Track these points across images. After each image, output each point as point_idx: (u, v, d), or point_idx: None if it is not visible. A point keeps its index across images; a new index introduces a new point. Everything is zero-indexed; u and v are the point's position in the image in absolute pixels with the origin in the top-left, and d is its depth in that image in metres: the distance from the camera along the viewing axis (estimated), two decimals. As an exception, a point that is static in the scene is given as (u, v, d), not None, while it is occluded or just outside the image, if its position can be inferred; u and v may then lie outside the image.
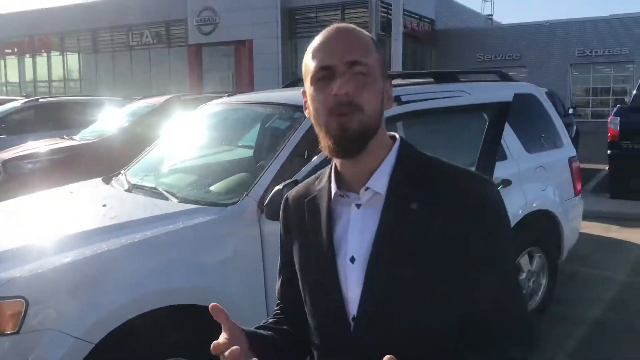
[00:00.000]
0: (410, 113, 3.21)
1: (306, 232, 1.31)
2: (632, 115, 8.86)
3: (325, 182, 1.31)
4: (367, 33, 1.24)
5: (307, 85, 1.22)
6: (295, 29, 26.88)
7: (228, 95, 4.52)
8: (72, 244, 2.50)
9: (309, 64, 1.21)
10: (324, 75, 1.17)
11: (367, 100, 1.15)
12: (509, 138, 4.09)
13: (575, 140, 11.83)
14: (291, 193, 1.41)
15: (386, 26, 23.15)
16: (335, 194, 1.26)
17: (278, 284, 1.48)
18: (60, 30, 33.50)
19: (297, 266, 1.34)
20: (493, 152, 2.62)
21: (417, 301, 1.18)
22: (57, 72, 35.71)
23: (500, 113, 2.61)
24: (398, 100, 3.40)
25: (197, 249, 2.67)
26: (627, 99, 10.76)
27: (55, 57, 35.26)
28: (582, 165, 5.19)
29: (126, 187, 3.38)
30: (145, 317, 2.41)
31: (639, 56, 27.26)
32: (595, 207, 7.72)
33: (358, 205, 1.23)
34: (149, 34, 30.95)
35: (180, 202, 2.96)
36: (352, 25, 1.23)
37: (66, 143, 7.83)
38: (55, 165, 7.05)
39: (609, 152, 8.90)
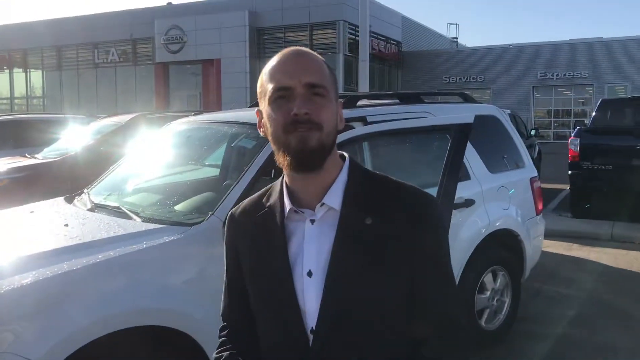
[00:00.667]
0: (375, 133, 3.25)
1: (258, 249, 1.33)
2: (591, 137, 9.12)
3: (276, 198, 1.33)
4: (320, 57, 1.30)
5: (264, 105, 1.26)
6: (264, 49, 26.98)
7: (194, 114, 4.50)
8: (32, 264, 2.44)
9: (265, 84, 1.25)
10: (281, 95, 1.21)
11: (326, 120, 1.22)
12: (472, 158, 4.17)
13: (537, 161, 12.13)
14: (237, 210, 1.43)
15: (354, 47, 23.45)
16: (289, 210, 1.29)
17: (224, 304, 1.48)
18: (23, 47, 32.95)
19: (248, 283, 1.36)
20: (455, 171, 2.67)
21: (374, 312, 1.23)
22: (20, 89, 35.03)
23: (461, 134, 2.66)
24: (364, 120, 3.44)
25: (161, 270, 2.63)
26: (587, 121, 11.07)
27: (18, 74, 34.60)
28: (545, 185, 5.31)
29: (89, 206, 3.32)
30: (107, 340, 2.36)
31: (598, 79, 28.12)
32: (557, 226, 7.89)
33: (312, 221, 1.28)
34: (115, 52, 30.66)
35: (144, 221, 2.92)
36: (307, 49, 1.29)
37: (28, 161, 7.66)
38: (16, 184, 6.88)
39: (569, 172, 9.12)
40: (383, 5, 27.86)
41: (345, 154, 1.36)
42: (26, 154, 8.30)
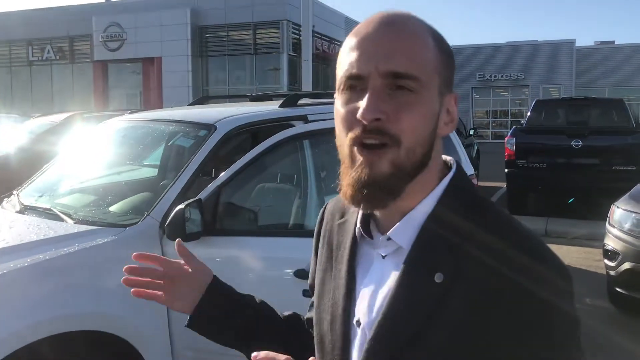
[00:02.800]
0: (316, 131, 3.25)
1: (330, 264, 1.03)
2: (526, 136, 9.44)
3: (355, 210, 0.98)
4: (427, 26, 0.89)
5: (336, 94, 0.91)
6: (206, 48, 26.65)
7: (130, 112, 4.39)
8: (-46, 270, 2.31)
9: (338, 65, 0.90)
10: (353, 85, 0.86)
11: (409, 129, 0.83)
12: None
13: (476, 160, 12.44)
14: (329, 204, 1.10)
15: (298, 47, 23.48)
16: (358, 229, 0.96)
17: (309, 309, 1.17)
18: (-49, 43, 31.45)
19: (314, 300, 1.07)
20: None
21: None
22: (-53, 87, 33.41)
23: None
24: (304, 119, 3.44)
25: (95, 273, 2.55)
26: (523, 121, 11.45)
27: (-55, 71, 33.01)
28: (483, 183, 5.44)
29: (18, 208, 3.18)
30: (40, 345, 2.26)
31: (534, 81, 29.17)
32: (494, 223, 8.11)
33: (384, 255, 0.92)
34: (51, 49, 29.61)
35: (76, 223, 2.82)
36: (407, 14, 0.88)
37: (-46, 162, 7.30)
38: (-59, 186, 6.54)
39: (506, 170, 9.41)
40: (326, 5, 28.00)
41: (452, 163, 0.94)
42: (-47, 155, 7.91)
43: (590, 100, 10.75)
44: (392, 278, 0.89)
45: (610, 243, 4.86)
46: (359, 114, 0.82)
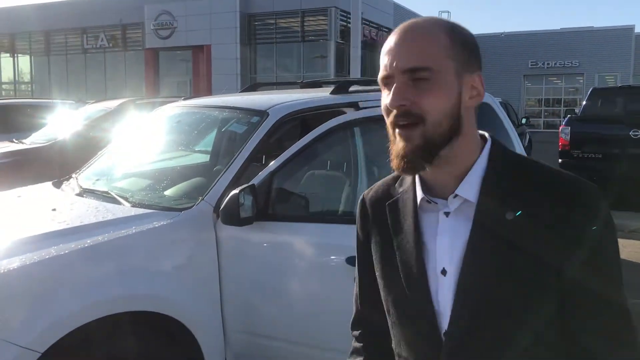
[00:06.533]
0: (367, 118, 3.23)
1: (389, 239, 1.23)
2: (582, 125, 9.15)
3: (409, 185, 1.22)
4: (442, 22, 1.13)
5: None
6: (254, 35, 26.80)
7: (184, 99, 4.45)
8: (20, 248, 2.40)
9: (380, 67, 1.15)
10: (387, 83, 1.12)
11: (430, 108, 1.07)
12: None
13: (528, 149, 12.17)
14: (368, 194, 1.33)
15: (345, 34, 23.35)
16: (421, 199, 1.18)
17: (356, 289, 1.39)
18: (11, 31, 32.53)
19: (379, 274, 1.27)
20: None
21: (513, 318, 1.08)
22: (7, 74, 34.65)
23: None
24: (356, 106, 3.42)
25: (151, 255, 2.61)
26: (577, 110, 11.11)
27: (5, 59, 34.21)
28: (535, 173, 5.31)
29: (77, 191, 3.28)
30: (96, 325, 2.33)
31: (588, 68, 28.23)
32: (547, 214, 7.91)
33: (447, 213, 1.15)
34: (104, 37, 30.34)
35: (133, 206, 2.88)
36: (424, 19, 1.14)
37: (15, 147, 7.57)
38: (3, 170, 6.80)
39: (560, 160, 9.16)
40: (375, -8, 27.72)
41: (487, 135, 1.20)
42: (14, 139, 8.20)
43: (651, 89, 10.34)
44: (465, 226, 1.12)
45: (671, 237, 4.67)
46: (387, 103, 1.10)
